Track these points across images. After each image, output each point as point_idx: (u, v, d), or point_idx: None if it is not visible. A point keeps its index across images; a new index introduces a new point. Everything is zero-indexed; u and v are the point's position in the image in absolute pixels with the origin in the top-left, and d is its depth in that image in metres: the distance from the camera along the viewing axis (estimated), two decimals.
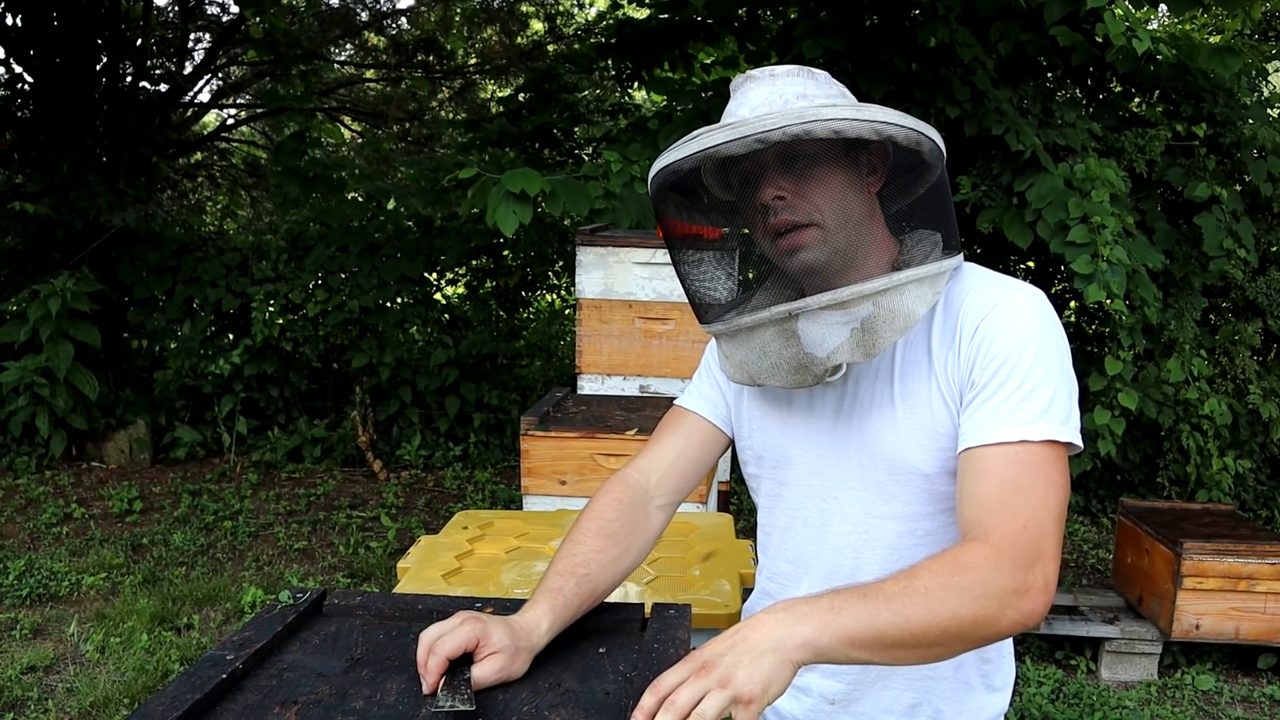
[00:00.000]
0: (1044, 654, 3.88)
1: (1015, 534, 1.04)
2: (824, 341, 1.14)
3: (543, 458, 2.79)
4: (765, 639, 0.95)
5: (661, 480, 1.36)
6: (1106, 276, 3.91)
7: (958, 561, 1.02)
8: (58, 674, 3.57)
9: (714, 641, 0.97)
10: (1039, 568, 1.03)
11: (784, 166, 1.15)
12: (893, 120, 1.09)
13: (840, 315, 1.14)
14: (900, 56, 4.92)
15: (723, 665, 0.93)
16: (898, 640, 0.97)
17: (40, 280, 5.79)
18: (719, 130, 1.09)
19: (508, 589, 1.82)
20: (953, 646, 1.02)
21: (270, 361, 6.25)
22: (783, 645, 0.94)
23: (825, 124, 1.06)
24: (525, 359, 7.33)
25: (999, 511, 1.06)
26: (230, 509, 5.31)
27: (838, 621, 0.96)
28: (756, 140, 1.07)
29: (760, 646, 0.94)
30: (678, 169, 1.15)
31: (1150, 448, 5.18)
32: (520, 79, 8.37)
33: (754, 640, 0.95)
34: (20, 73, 6.83)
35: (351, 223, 6.65)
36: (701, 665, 0.94)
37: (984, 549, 1.02)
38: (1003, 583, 1.01)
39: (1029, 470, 1.08)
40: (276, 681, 1.10)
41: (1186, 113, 4.97)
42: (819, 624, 0.95)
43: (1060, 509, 1.09)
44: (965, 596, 0.99)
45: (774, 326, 1.17)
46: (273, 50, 7.17)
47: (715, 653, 0.95)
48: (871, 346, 1.13)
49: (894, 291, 1.13)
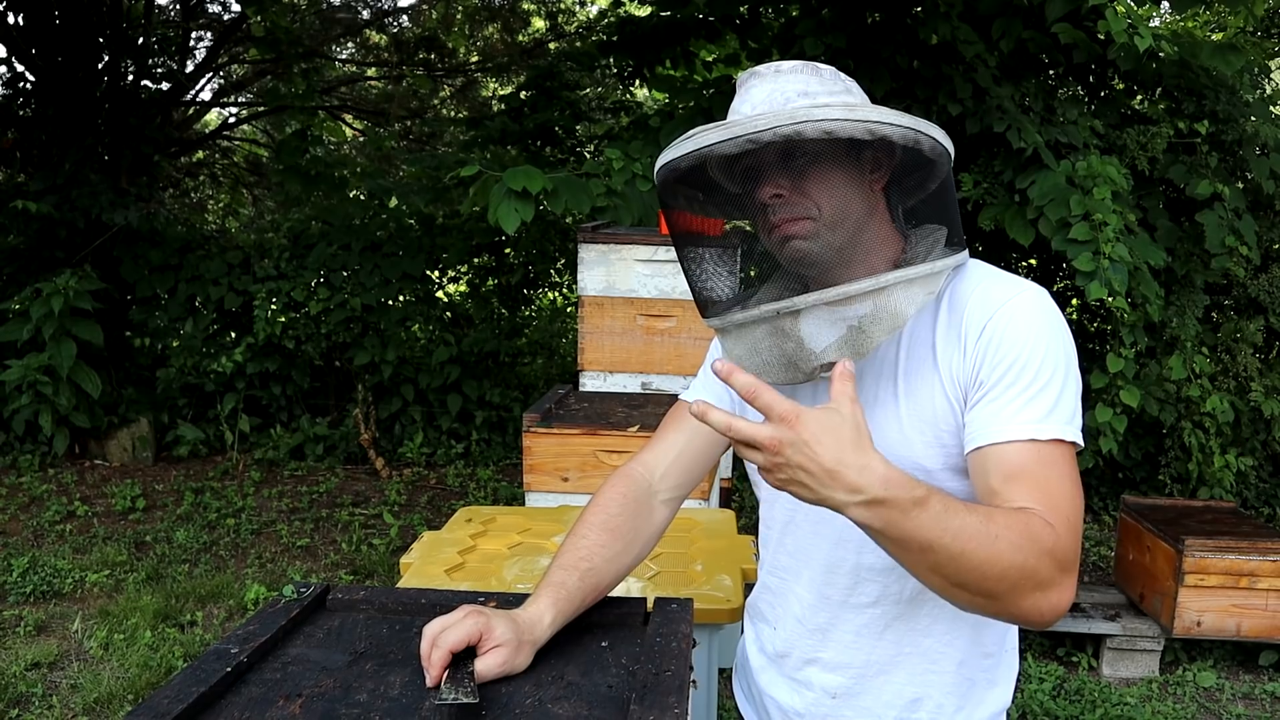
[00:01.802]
0: (1045, 650, 3.88)
1: (1068, 529, 1.05)
2: (814, 339, 1.15)
3: (545, 454, 2.80)
4: (838, 486, 0.96)
5: (665, 475, 1.36)
6: (1108, 274, 3.91)
7: (1030, 528, 1.02)
8: (62, 670, 3.58)
9: (811, 443, 0.95)
10: (1072, 571, 1.05)
11: (782, 165, 1.15)
12: (887, 120, 1.08)
13: (830, 314, 1.15)
14: (902, 54, 4.91)
15: (789, 471, 0.96)
16: (938, 566, 0.99)
17: (43, 279, 5.80)
18: (713, 130, 1.09)
19: (510, 584, 1.82)
20: (975, 599, 1.03)
21: (272, 359, 6.26)
22: (844, 507, 0.97)
23: (816, 125, 1.06)
24: (527, 356, 7.34)
25: (1046, 503, 1.06)
26: (233, 507, 5.32)
27: (905, 524, 0.97)
28: (748, 141, 1.07)
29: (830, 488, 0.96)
30: (676, 167, 1.15)
31: (1152, 445, 5.18)
32: (522, 77, 8.37)
33: (826, 479, 0.96)
34: (22, 71, 6.84)
35: (353, 221, 6.66)
36: (781, 451, 0.95)
37: (1049, 531, 1.03)
38: (1048, 570, 1.02)
39: (1054, 468, 1.08)
40: (281, 675, 1.11)
41: (1189, 110, 4.96)
42: (885, 520, 0.97)
43: (1082, 509, 1.10)
44: (1020, 562, 1.00)
45: (765, 324, 1.17)
46: (274, 48, 7.19)
47: (798, 460, 0.95)
48: (861, 346, 1.13)
49: (883, 292, 1.13)
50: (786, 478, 0.96)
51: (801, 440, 0.94)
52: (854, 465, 0.95)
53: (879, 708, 1.29)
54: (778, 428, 0.95)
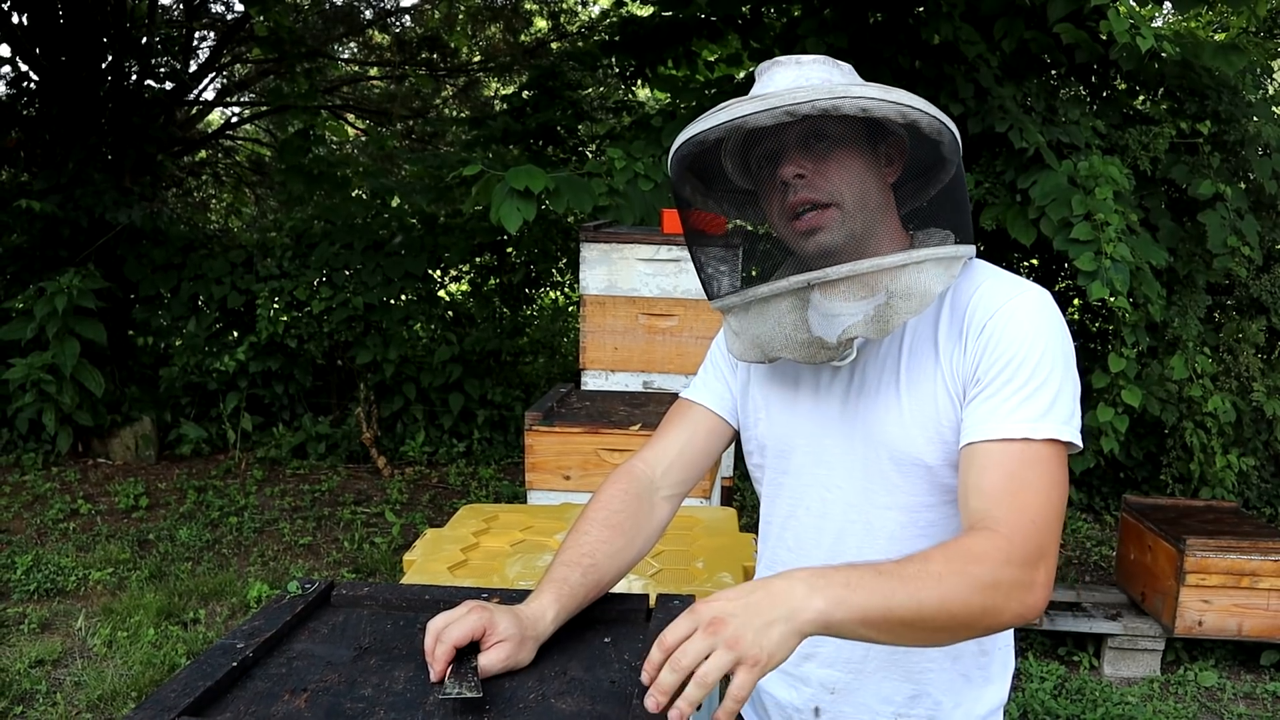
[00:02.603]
0: (1047, 650, 3.88)
1: (1024, 528, 1.05)
2: (839, 316, 1.15)
3: (547, 453, 2.81)
4: (778, 606, 0.93)
5: (667, 471, 1.37)
6: (1110, 274, 3.91)
7: (970, 550, 1.02)
8: (65, 667, 3.60)
9: (724, 595, 0.95)
10: (1043, 565, 1.05)
11: (807, 145, 1.16)
12: (919, 106, 1.11)
13: (857, 289, 1.15)
14: (904, 54, 4.92)
15: (731, 626, 0.91)
16: (907, 621, 0.97)
17: (46, 278, 5.81)
18: (748, 101, 1.10)
19: (512, 581, 1.83)
20: (956, 633, 1.03)
21: (275, 358, 6.27)
22: (795, 616, 0.93)
23: (854, 101, 1.07)
24: (529, 356, 7.34)
25: (1007, 505, 1.07)
26: (235, 505, 5.33)
27: (853, 598, 0.95)
28: (786, 113, 1.07)
29: (772, 613, 0.93)
30: (703, 140, 1.15)
31: (1154, 445, 5.18)
32: (524, 76, 8.37)
33: (766, 606, 0.93)
34: (26, 71, 6.84)
35: (356, 220, 6.67)
36: (710, 622, 0.92)
37: (995, 540, 1.03)
38: (1011, 576, 1.02)
39: (1034, 467, 1.09)
40: (286, 669, 1.11)
41: (1191, 110, 4.96)
42: (834, 599, 0.94)
43: (1062, 508, 1.10)
44: (976, 585, 1.00)
45: (790, 298, 1.17)
46: (277, 48, 7.19)
47: (725, 611, 0.93)
48: (885, 323, 1.13)
49: (912, 268, 1.13)
50: (733, 633, 0.91)
51: (713, 601, 0.94)
52: (772, 580, 0.97)
53: (876, 704, 1.30)
54: (687, 614, 0.94)
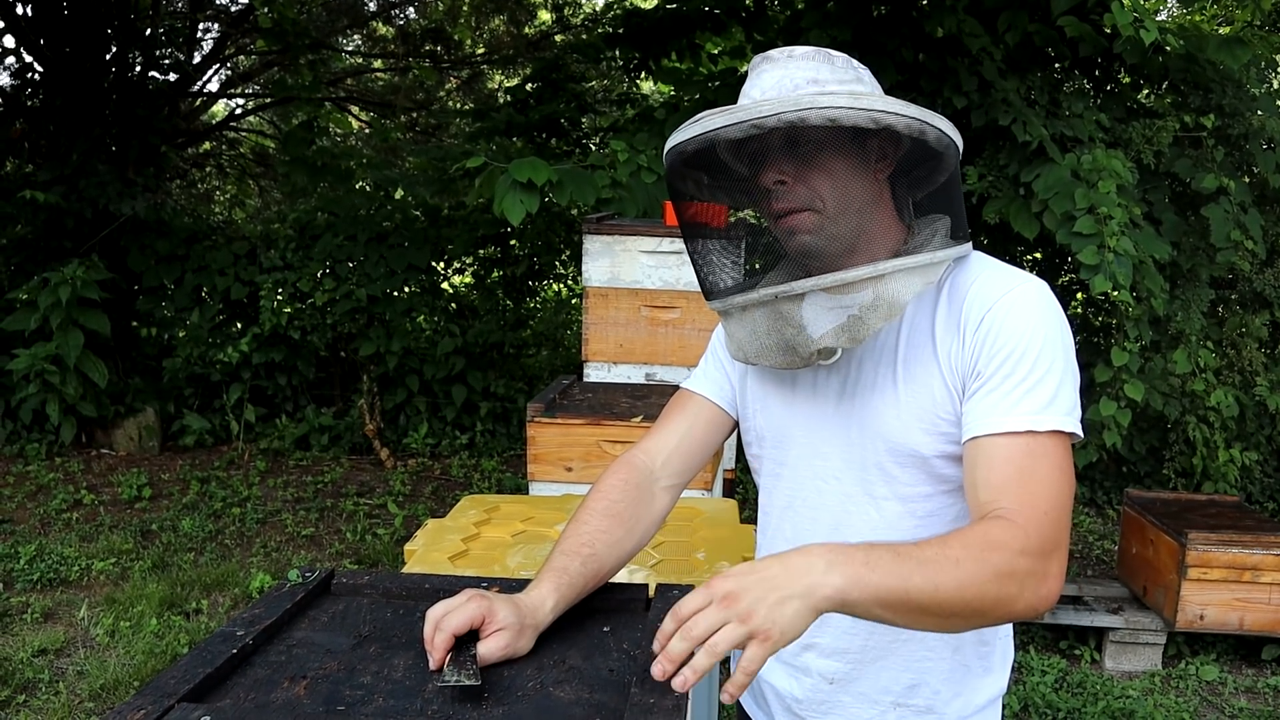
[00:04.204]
0: (1048, 643, 3.89)
1: (1039, 519, 1.05)
2: (812, 325, 1.16)
3: (549, 444, 2.81)
4: (795, 583, 0.93)
5: (667, 462, 1.38)
6: (1113, 267, 3.91)
7: (988, 537, 1.02)
8: (68, 657, 3.61)
9: (741, 570, 0.95)
10: (1056, 556, 1.05)
11: (786, 151, 1.16)
12: (893, 110, 1.09)
13: (828, 300, 1.16)
14: (908, 47, 4.91)
15: (746, 600, 0.91)
16: (923, 605, 0.97)
17: (50, 268, 5.83)
18: (719, 114, 1.11)
19: (513, 571, 1.84)
20: (970, 620, 1.03)
21: (278, 350, 6.28)
22: (812, 593, 0.93)
23: (820, 112, 1.06)
24: (532, 348, 7.34)
25: (1018, 498, 1.07)
26: (238, 496, 5.35)
27: (871, 578, 0.95)
28: (752, 126, 1.08)
29: (788, 589, 0.93)
30: (683, 150, 1.16)
31: (1156, 439, 5.18)
32: (528, 69, 8.37)
33: (783, 581, 0.93)
34: (30, 62, 6.84)
35: (359, 212, 6.67)
36: (725, 595, 0.92)
37: (1012, 529, 1.03)
38: (1026, 565, 1.02)
39: (1042, 460, 1.09)
40: (286, 657, 1.12)
41: (1195, 104, 4.95)
42: (853, 577, 0.94)
43: (1070, 499, 1.11)
44: (993, 573, 1.00)
45: (764, 308, 1.19)
46: (281, 40, 7.19)
47: (741, 585, 0.93)
48: (857, 332, 1.14)
49: (881, 280, 1.14)
50: (747, 607, 0.91)
51: (729, 575, 0.95)
52: (790, 555, 0.96)
53: (876, 693, 1.30)
54: (703, 586, 0.95)
